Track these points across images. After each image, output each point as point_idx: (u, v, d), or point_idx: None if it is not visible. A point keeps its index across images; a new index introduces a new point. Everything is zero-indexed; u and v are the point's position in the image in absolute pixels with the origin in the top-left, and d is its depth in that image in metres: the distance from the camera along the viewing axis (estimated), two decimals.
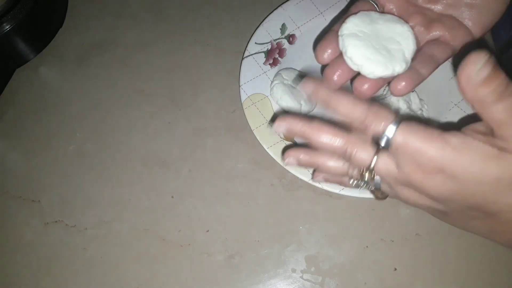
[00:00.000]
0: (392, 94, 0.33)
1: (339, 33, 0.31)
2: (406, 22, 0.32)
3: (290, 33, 0.47)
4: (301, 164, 0.32)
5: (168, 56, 0.49)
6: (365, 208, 0.40)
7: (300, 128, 0.29)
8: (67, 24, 0.52)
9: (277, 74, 0.44)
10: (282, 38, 0.47)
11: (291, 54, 0.46)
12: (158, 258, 0.39)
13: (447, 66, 0.43)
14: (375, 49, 0.30)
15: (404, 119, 0.27)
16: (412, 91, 0.42)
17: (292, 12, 0.47)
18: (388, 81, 0.33)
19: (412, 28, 0.33)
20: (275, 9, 0.48)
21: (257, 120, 0.42)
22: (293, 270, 0.38)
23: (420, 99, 0.42)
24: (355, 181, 0.31)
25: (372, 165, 0.28)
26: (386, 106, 0.29)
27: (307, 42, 0.47)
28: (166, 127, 0.45)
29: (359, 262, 0.38)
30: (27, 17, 0.46)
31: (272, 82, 0.44)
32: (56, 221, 0.41)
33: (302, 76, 0.44)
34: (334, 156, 0.31)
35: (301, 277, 0.38)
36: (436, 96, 0.43)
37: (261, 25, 0.47)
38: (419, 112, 0.41)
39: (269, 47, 0.46)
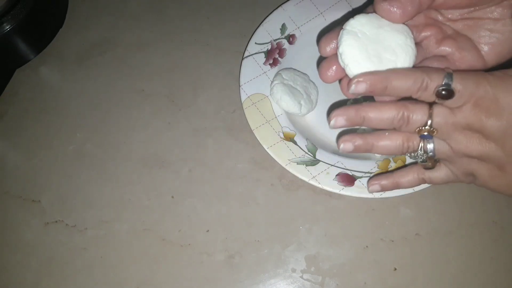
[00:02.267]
0: None
1: (343, 27, 0.31)
2: (420, 32, 0.32)
3: (290, 33, 0.47)
4: (356, 148, 0.33)
5: (168, 56, 0.49)
6: (365, 208, 0.40)
7: (354, 114, 0.30)
8: (68, 24, 0.52)
9: (277, 74, 0.44)
10: (282, 38, 0.47)
11: (291, 54, 0.46)
12: (158, 258, 0.39)
13: None
14: (368, 53, 0.30)
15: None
16: None
17: (292, 12, 0.47)
18: None
19: (424, 38, 0.33)
20: (275, 9, 0.48)
21: (257, 120, 0.42)
22: (293, 270, 0.38)
23: None
24: (412, 153, 0.32)
25: (429, 121, 0.29)
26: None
27: (307, 42, 0.47)
28: (166, 127, 0.45)
29: (359, 262, 0.38)
30: (27, 17, 0.46)
31: (272, 82, 0.44)
32: (56, 221, 0.41)
33: (302, 76, 0.44)
34: (389, 129, 0.32)
35: (301, 277, 0.38)
36: None
37: (261, 25, 0.47)
38: None
39: (269, 47, 0.46)
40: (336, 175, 0.39)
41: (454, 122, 0.29)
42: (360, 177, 0.39)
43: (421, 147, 0.31)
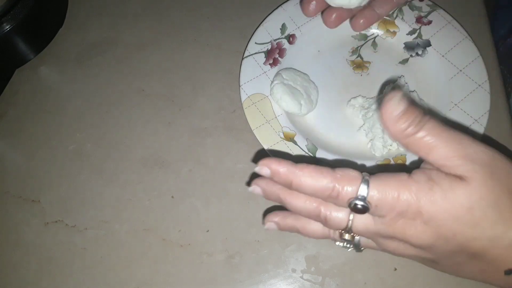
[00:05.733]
0: (353, 29, 0.43)
1: None
2: None
3: (290, 33, 0.47)
4: (281, 228, 0.32)
5: (168, 56, 0.49)
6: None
7: (274, 191, 0.29)
8: (67, 24, 0.52)
9: (277, 74, 0.44)
10: (282, 38, 0.47)
11: (291, 54, 0.46)
12: (158, 258, 0.39)
13: (447, 66, 0.44)
14: None
15: (368, 172, 0.27)
16: (412, 91, 0.43)
17: (292, 12, 0.47)
18: (351, 15, 0.42)
19: None
20: (275, 9, 0.48)
21: (257, 120, 0.42)
22: (293, 270, 0.38)
23: (420, 99, 0.42)
24: (338, 243, 0.31)
25: (349, 225, 0.27)
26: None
27: (307, 42, 0.47)
28: (166, 127, 0.45)
29: (359, 262, 0.38)
30: (27, 17, 0.46)
31: (272, 82, 0.44)
32: (56, 221, 0.41)
33: (302, 76, 0.44)
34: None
35: (301, 277, 0.38)
36: (436, 96, 0.43)
37: (261, 25, 0.47)
38: None
39: (269, 47, 0.46)
40: None
41: (376, 231, 0.27)
42: None
43: (348, 238, 0.29)
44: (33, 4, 0.47)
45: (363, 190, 0.25)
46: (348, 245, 0.30)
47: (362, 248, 0.31)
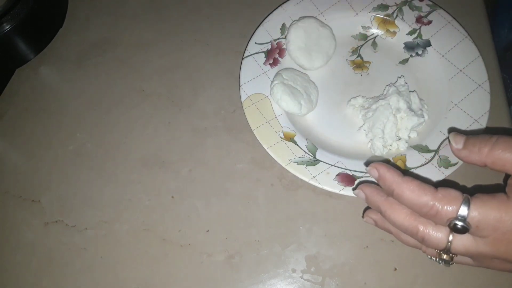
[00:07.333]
0: None
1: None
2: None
3: None
4: (378, 226, 0.34)
5: (168, 56, 0.49)
6: (365, 208, 0.40)
7: (376, 200, 0.30)
8: (67, 24, 0.52)
9: (277, 74, 0.44)
10: (282, 38, 0.47)
11: None
12: (158, 258, 0.39)
13: (447, 66, 0.44)
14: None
15: (470, 194, 0.27)
16: (412, 91, 0.43)
17: (292, 12, 0.47)
18: None
19: None
20: (275, 9, 0.48)
21: (257, 120, 0.42)
22: (293, 270, 0.38)
23: (420, 99, 0.42)
24: (432, 258, 0.31)
25: (447, 246, 0.28)
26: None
27: None
28: (166, 127, 0.45)
29: (359, 262, 0.38)
30: (27, 17, 0.46)
31: (272, 82, 0.44)
32: (56, 221, 0.41)
33: (302, 76, 0.44)
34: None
35: (301, 277, 0.38)
36: (436, 96, 0.43)
37: (261, 25, 0.47)
38: (419, 113, 0.41)
39: (269, 47, 0.46)
40: (336, 175, 0.39)
41: (477, 252, 0.27)
42: (360, 177, 0.39)
43: (446, 258, 0.30)
44: (33, 4, 0.47)
45: (463, 211, 0.26)
46: (441, 262, 0.30)
47: (452, 263, 0.31)
